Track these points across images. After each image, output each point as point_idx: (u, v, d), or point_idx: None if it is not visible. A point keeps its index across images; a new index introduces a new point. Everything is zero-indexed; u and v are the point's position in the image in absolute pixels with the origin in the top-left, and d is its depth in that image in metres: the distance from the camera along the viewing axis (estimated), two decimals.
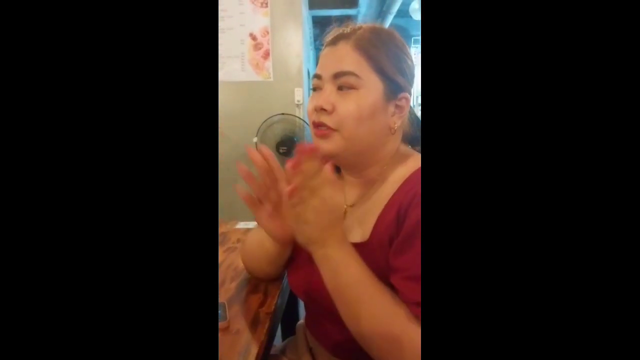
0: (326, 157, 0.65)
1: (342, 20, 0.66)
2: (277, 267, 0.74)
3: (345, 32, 0.62)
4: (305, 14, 2.67)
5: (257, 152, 0.59)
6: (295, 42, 2.45)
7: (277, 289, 0.75)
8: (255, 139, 2.40)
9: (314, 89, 0.63)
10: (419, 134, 0.70)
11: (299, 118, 2.46)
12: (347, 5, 3.75)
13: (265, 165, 0.59)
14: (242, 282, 0.79)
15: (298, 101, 2.50)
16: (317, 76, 0.62)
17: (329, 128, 0.59)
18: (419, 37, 3.51)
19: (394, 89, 0.61)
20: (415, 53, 4.06)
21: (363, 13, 4.02)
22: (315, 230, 0.52)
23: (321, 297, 0.63)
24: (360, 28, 0.62)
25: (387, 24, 4.17)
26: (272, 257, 0.71)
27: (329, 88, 0.60)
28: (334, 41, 0.62)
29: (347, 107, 0.58)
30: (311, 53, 3.34)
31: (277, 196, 0.61)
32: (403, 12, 3.98)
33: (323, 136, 0.60)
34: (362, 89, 0.59)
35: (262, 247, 0.71)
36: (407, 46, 0.65)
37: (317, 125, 0.60)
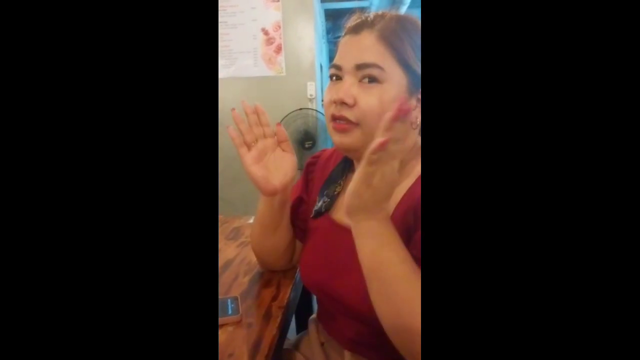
0: (345, 152, 0.64)
1: (361, 11, 0.63)
2: (284, 249, 0.75)
3: (368, 19, 0.59)
4: (317, 7, 2.66)
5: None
6: (308, 36, 2.44)
7: (290, 283, 0.76)
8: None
9: (332, 79, 0.61)
10: None
11: (316, 110, 2.45)
12: None
13: (254, 112, 0.66)
14: (255, 276, 0.79)
15: (311, 95, 2.50)
16: (337, 66, 0.59)
17: (349, 122, 0.57)
18: None
19: (417, 82, 0.58)
20: None
21: (376, 5, 3.98)
22: (373, 197, 0.48)
23: (333, 291, 0.62)
24: (383, 17, 0.59)
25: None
26: (267, 221, 0.71)
27: (350, 80, 0.58)
28: (357, 29, 0.59)
29: (370, 101, 0.56)
30: (324, 47, 3.33)
31: (264, 145, 0.68)
32: (416, 3, 3.92)
33: (342, 130, 0.58)
34: (385, 83, 0.56)
35: (259, 219, 0.72)
36: None
37: (337, 118, 0.58)
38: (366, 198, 0.48)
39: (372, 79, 0.56)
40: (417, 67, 0.58)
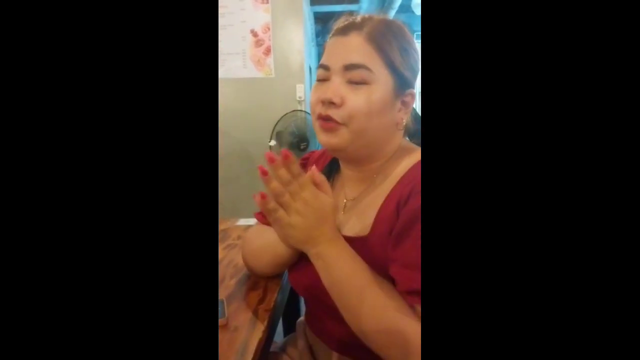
0: (331, 151, 0.64)
1: (349, 14, 0.64)
2: (283, 269, 0.74)
3: (356, 22, 0.60)
4: (306, 10, 2.66)
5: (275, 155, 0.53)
6: (297, 38, 2.44)
7: (277, 286, 0.75)
8: (272, 142, 2.39)
9: (319, 80, 0.61)
10: (419, 127, 0.69)
11: (306, 112, 2.45)
12: (349, 1, 3.73)
13: (282, 166, 0.52)
14: (241, 279, 0.79)
15: (300, 97, 2.50)
16: (324, 66, 0.60)
17: (336, 122, 0.57)
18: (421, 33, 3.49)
19: (402, 85, 0.59)
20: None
21: (365, 9, 4.00)
22: (302, 231, 0.53)
23: (321, 293, 0.62)
24: (371, 19, 0.60)
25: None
26: (283, 260, 0.68)
27: (338, 80, 0.58)
28: (345, 31, 0.59)
29: (358, 101, 0.56)
30: (313, 49, 3.33)
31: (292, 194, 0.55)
32: (405, 7, 3.95)
33: (329, 129, 0.58)
34: (373, 84, 0.57)
35: (273, 251, 0.67)
36: (415, 42, 0.63)
37: (324, 118, 0.58)
38: (297, 235, 0.55)
39: (360, 80, 0.57)
40: (403, 69, 0.59)
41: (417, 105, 0.65)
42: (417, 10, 3.67)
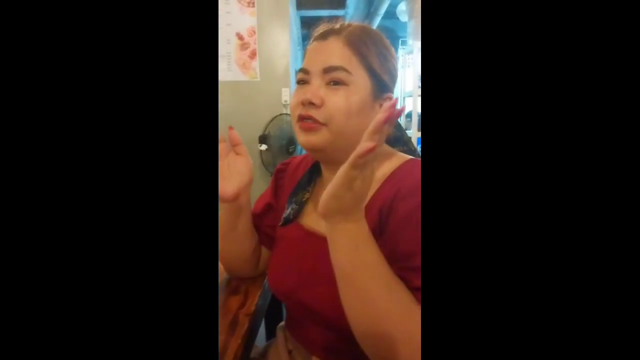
0: (311, 152, 0.64)
1: (331, 20, 0.66)
2: (245, 249, 0.75)
3: (335, 28, 0.62)
4: (292, 14, 2.67)
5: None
6: (283, 42, 2.44)
7: (258, 290, 0.75)
8: (262, 147, 2.38)
9: (299, 83, 0.63)
10: (398, 134, 0.70)
11: (289, 115, 2.45)
12: (335, 6, 3.76)
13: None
14: (222, 283, 0.78)
15: (285, 101, 2.50)
16: (304, 70, 0.62)
17: (316, 121, 0.59)
18: (406, 39, 3.53)
19: (381, 88, 0.61)
20: (402, 54, 4.08)
21: (350, 14, 4.03)
22: (352, 200, 0.47)
23: (303, 298, 0.62)
24: (350, 25, 0.62)
25: (374, 25, 4.18)
26: (227, 227, 0.71)
27: (317, 82, 0.60)
28: (324, 36, 0.62)
29: (337, 101, 0.58)
30: (299, 53, 3.34)
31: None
32: (390, 14, 4.00)
33: (309, 129, 0.59)
34: (351, 85, 0.59)
35: (220, 226, 0.71)
36: (392, 49, 0.65)
37: (304, 117, 0.60)
38: (345, 201, 0.47)
39: (339, 81, 0.59)
40: (382, 73, 0.61)
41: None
42: (402, 17, 3.72)
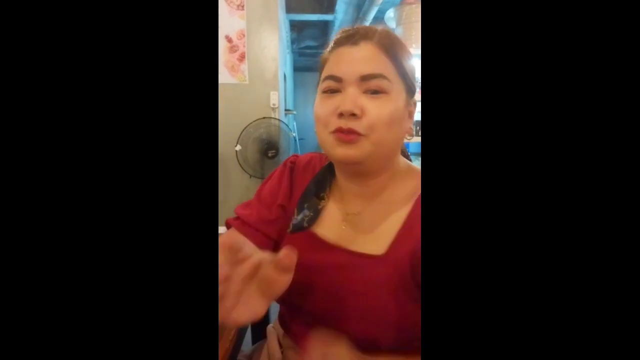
0: (347, 164, 0.60)
1: (319, 25, 0.64)
2: None
3: (360, 31, 0.58)
4: (281, 18, 2.68)
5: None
6: (272, 45, 2.45)
7: None
8: (238, 147, 2.37)
9: (328, 92, 0.58)
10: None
11: (279, 120, 2.45)
12: (324, 11, 3.78)
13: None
14: None
15: (274, 105, 2.50)
16: (335, 78, 0.56)
17: (358, 134, 0.55)
18: None
19: (411, 93, 0.59)
20: None
21: (340, 19, 4.06)
22: None
23: (323, 313, 0.61)
24: (375, 29, 0.59)
25: None
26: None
27: (354, 91, 0.55)
28: (354, 41, 0.57)
29: (378, 111, 0.55)
30: (288, 57, 3.35)
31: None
32: (379, 20, 4.03)
33: (349, 142, 0.55)
34: (392, 93, 0.56)
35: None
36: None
37: (345, 131, 0.55)
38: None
39: (379, 90, 0.56)
40: (412, 78, 0.59)
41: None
42: (391, 23, 3.76)
